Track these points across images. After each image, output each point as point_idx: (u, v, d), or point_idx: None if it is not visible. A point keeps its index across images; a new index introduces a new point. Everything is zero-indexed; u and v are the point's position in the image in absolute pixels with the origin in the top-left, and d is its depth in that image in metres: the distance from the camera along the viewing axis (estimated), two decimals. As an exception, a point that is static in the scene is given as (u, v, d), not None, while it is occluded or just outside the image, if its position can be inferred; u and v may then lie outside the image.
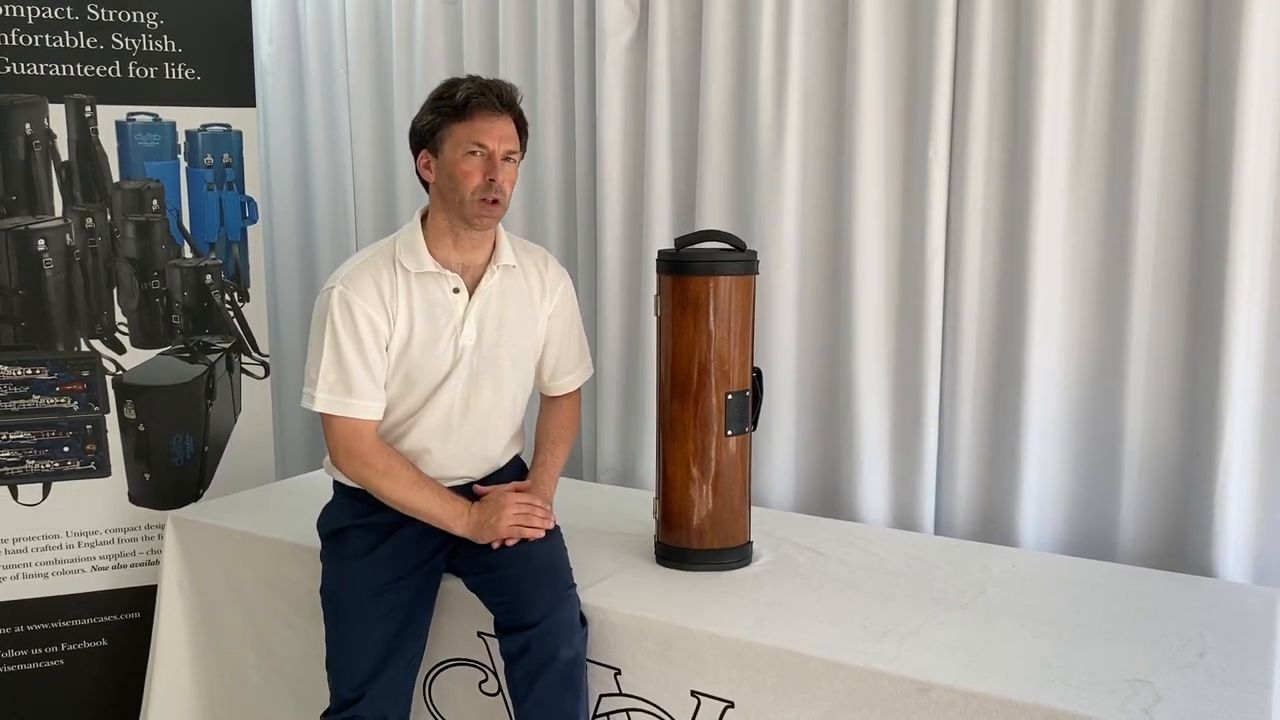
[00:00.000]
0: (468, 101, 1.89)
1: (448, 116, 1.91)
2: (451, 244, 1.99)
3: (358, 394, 1.94)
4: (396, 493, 1.95)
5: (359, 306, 1.92)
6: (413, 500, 1.96)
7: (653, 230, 2.73)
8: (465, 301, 1.99)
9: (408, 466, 1.97)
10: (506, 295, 2.04)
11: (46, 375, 2.64)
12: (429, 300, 1.97)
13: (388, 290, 1.95)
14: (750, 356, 2.11)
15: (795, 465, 2.64)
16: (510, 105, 1.94)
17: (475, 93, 1.90)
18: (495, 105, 1.91)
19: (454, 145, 1.91)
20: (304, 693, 2.27)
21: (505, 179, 1.92)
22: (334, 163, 3.41)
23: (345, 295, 1.93)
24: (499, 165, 1.91)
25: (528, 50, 2.95)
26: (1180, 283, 2.21)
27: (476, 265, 2.02)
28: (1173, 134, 2.18)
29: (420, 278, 1.97)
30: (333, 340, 1.93)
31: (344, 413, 1.94)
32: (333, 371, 1.93)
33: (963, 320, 2.40)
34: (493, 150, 1.90)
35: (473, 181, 1.90)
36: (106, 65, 2.63)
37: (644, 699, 1.89)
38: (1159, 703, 1.56)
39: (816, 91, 2.53)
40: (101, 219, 2.66)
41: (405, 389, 1.99)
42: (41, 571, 2.66)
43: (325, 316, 1.94)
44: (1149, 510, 2.27)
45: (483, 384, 2.02)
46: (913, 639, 1.78)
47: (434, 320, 1.97)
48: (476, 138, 1.90)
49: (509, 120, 1.94)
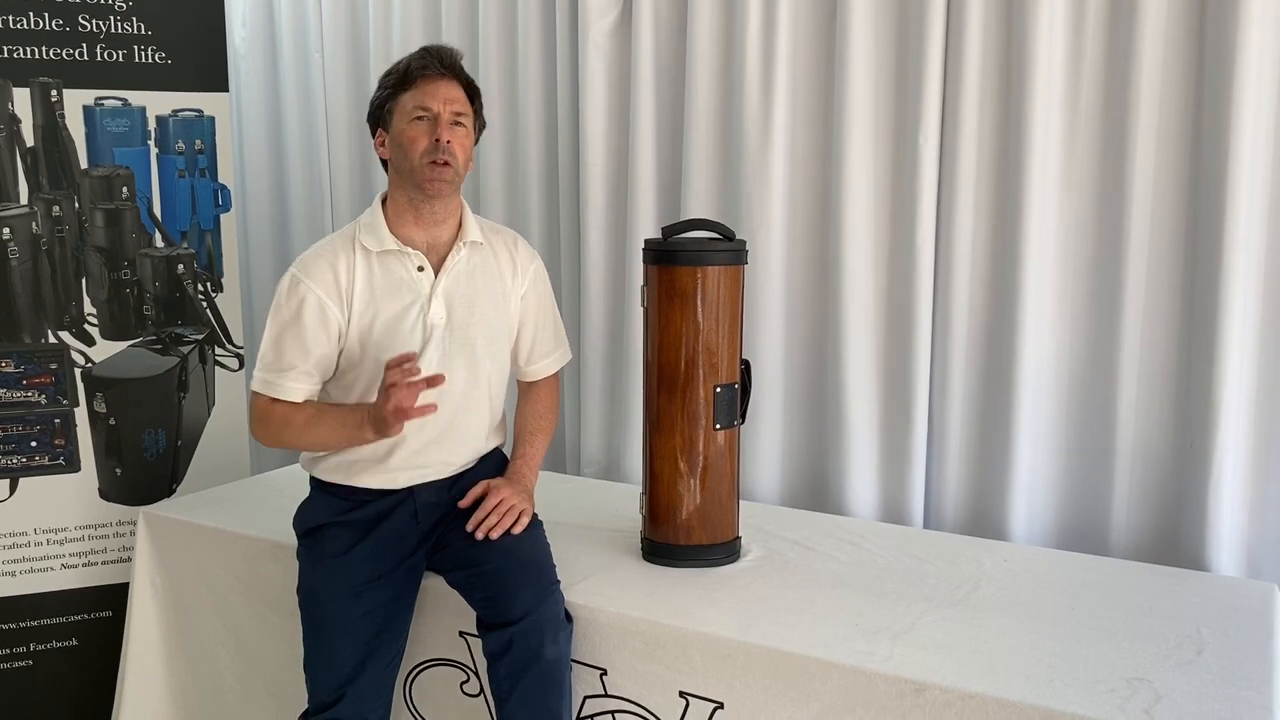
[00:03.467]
0: (408, 69, 1.92)
1: (394, 88, 1.94)
2: (413, 220, 1.97)
3: (288, 376, 1.94)
4: (304, 435, 1.94)
5: (309, 290, 1.92)
6: (320, 434, 1.93)
7: (637, 219, 2.68)
8: (431, 279, 1.96)
9: (302, 407, 1.94)
10: (476, 274, 2.00)
11: (13, 368, 2.56)
12: (392, 279, 1.94)
13: (344, 274, 1.93)
14: (739, 348, 2.07)
15: (783, 458, 2.61)
16: (451, 66, 1.95)
17: (415, 58, 1.93)
18: (436, 68, 1.92)
19: (401, 114, 1.92)
20: (281, 693, 2.22)
21: (455, 142, 1.91)
22: (309, 149, 3.33)
23: (296, 279, 1.95)
24: (445, 126, 1.90)
25: (508, 34, 2.89)
26: (1174, 273, 2.17)
27: (442, 243, 1.99)
28: (1167, 122, 2.14)
29: (381, 257, 1.95)
30: (274, 323, 1.95)
31: (269, 392, 1.94)
32: (271, 352, 1.95)
33: (953, 311, 2.36)
34: (438, 112, 1.90)
35: (420, 145, 1.90)
36: (73, 48, 2.56)
37: (631, 700, 1.85)
38: (1159, 702, 1.53)
39: (805, 77, 2.48)
40: (69, 207, 2.59)
41: (377, 370, 1.93)
42: (9, 570, 2.59)
43: (275, 299, 1.96)
44: (1141, 503, 2.24)
45: (456, 364, 1.97)
46: (906, 637, 1.74)
47: (399, 299, 1.94)
48: (420, 101, 1.91)
49: (454, 83, 1.94)
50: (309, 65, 3.28)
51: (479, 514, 1.95)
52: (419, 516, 1.99)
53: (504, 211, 2.94)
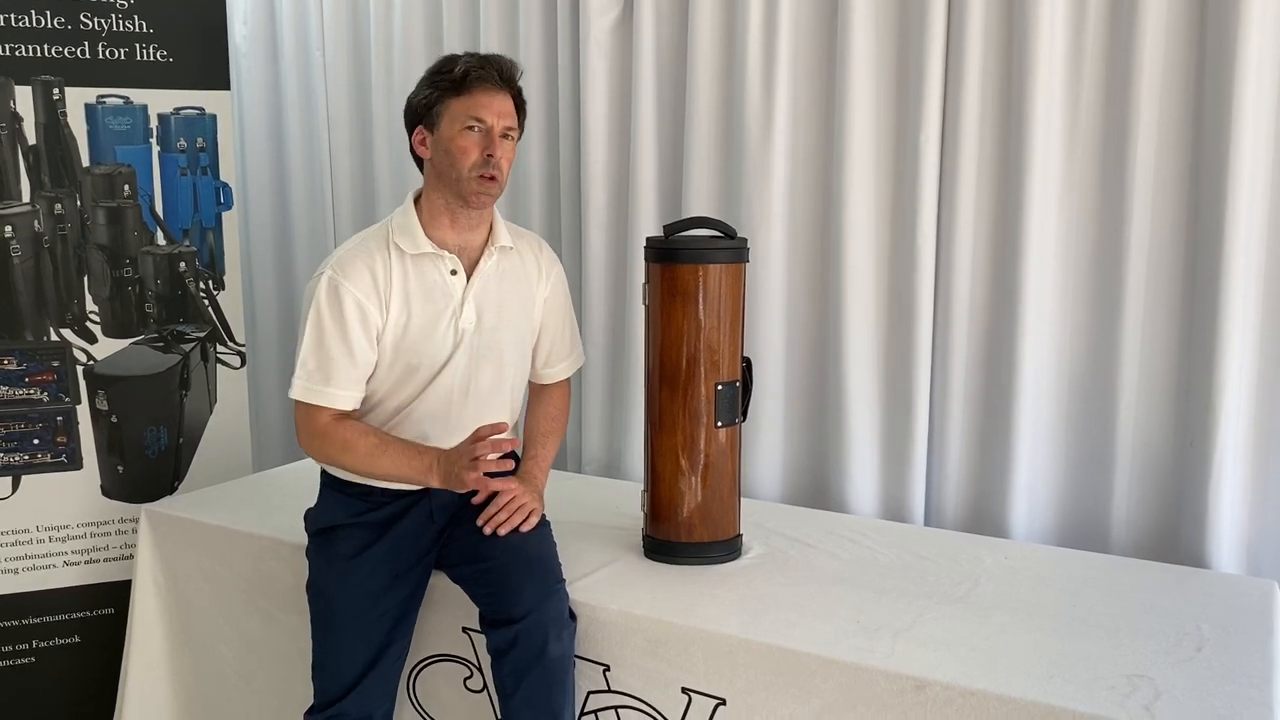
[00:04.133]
0: (466, 75, 1.87)
1: (446, 91, 1.88)
2: (449, 224, 1.95)
3: (335, 383, 1.89)
4: (362, 463, 1.90)
5: (348, 293, 1.88)
6: (381, 465, 1.89)
7: (638, 217, 2.68)
8: (464, 284, 1.95)
9: (367, 433, 1.91)
10: (505, 278, 2.00)
11: (15, 366, 2.57)
12: (426, 283, 1.93)
13: (381, 275, 1.90)
14: (740, 346, 2.07)
15: (783, 456, 2.61)
16: (509, 81, 1.92)
17: (475, 66, 1.87)
18: (495, 80, 1.89)
19: (451, 120, 1.88)
20: (285, 689, 2.23)
21: (503, 156, 1.89)
22: (310, 147, 3.33)
23: (334, 280, 1.89)
24: (497, 141, 1.88)
25: (509, 31, 2.89)
26: (1175, 271, 2.18)
27: (474, 247, 1.98)
28: (1169, 121, 2.15)
29: (416, 260, 1.93)
30: (315, 327, 1.89)
31: (316, 400, 1.90)
32: (313, 359, 1.89)
33: (954, 308, 2.36)
34: (491, 125, 1.87)
35: (470, 157, 1.87)
36: (75, 46, 2.55)
37: (634, 696, 1.85)
38: (1159, 699, 1.53)
39: (806, 75, 2.49)
40: (71, 205, 2.59)
41: (406, 375, 1.94)
42: (11, 567, 2.59)
43: (313, 302, 1.90)
44: (1142, 501, 2.24)
45: (483, 368, 1.98)
46: (907, 634, 1.75)
47: (432, 303, 1.93)
48: (475, 112, 1.87)
49: (508, 96, 1.91)
50: (310, 63, 3.28)
51: (489, 509, 1.95)
52: (434, 516, 1.99)
53: (505, 209, 2.93)
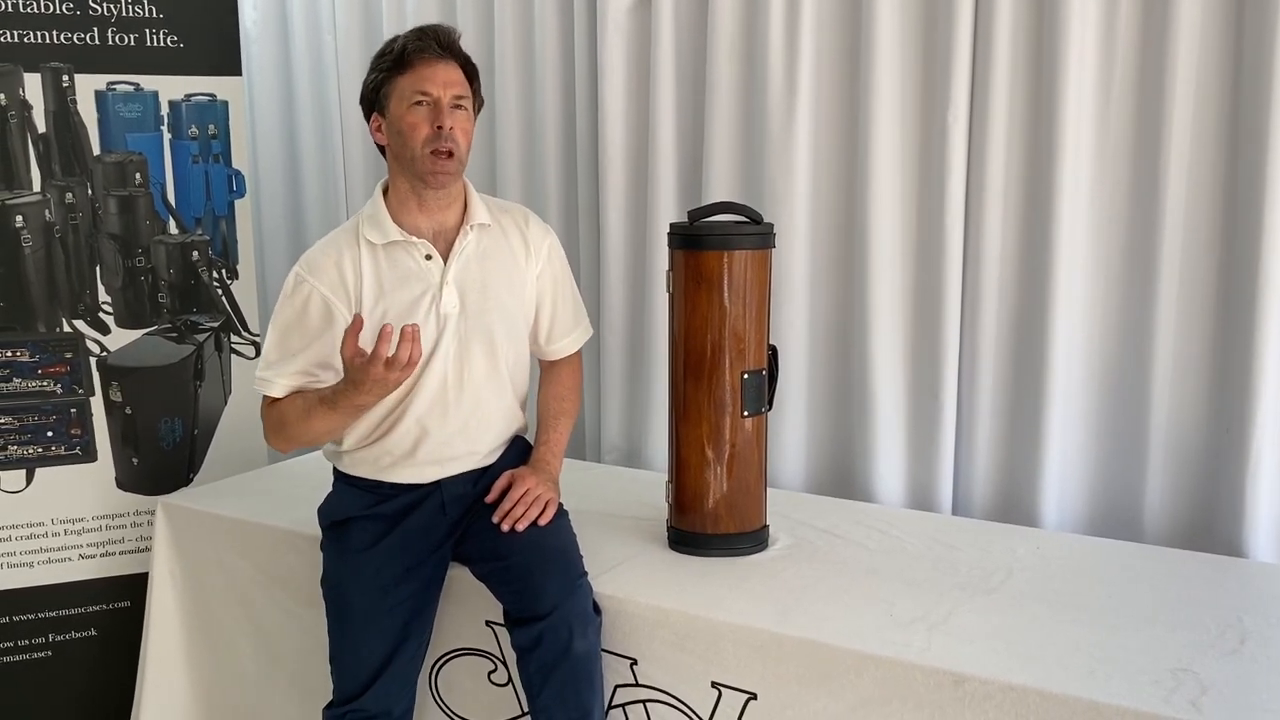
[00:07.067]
0: (404, 50, 1.83)
1: (389, 71, 1.85)
2: (417, 208, 1.91)
3: (274, 371, 1.90)
4: (302, 431, 1.87)
5: (314, 290, 1.86)
6: (315, 421, 1.84)
7: (658, 202, 2.64)
8: (440, 268, 1.91)
9: (293, 401, 1.88)
10: (487, 257, 1.95)
11: (27, 357, 2.54)
12: (400, 271, 1.89)
13: (350, 269, 1.87)
14: (766, 334, 2.03)
15: (808, 444, 2.57)
16: (449, 47, 1.87)
17: (412, 39, 1.84)
18: (434, 49, 1.84)
19: (399, 99, 1.84)
20: (304, 683, 2.20)
21: (456, 126, 1.84)
22: (323, 134, 3.30)
23: (299, 277, 1.89)
24: (446, 112, 1.83)
25: (524, 12, 2.84)
26: (1210, 252, 2.13)
27: (448, 228, 1.93)
28: (1205, 98, 2.09)
29: (388, 249, 1.89)
30: (277, 323, 1.90)
31: (260, 389, 1.91)
32: (273, 352, 1.90)
33: (982, 292, 2.32)
34: (438, 97, 1.83)
35: (421, 132, 1.82)
36: (84, 32, 2.51)
37: (663, 690, 1.82)
38: (1205, 694, 1.49)
39: (829, 55, 2.43)
40: (82, 194, 2.55)
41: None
42: (27, 560, 2.57)
43: (280, 299, 1.90)
44: (1175, 489, 2.20)
45: (474, 351, 1.92)
46: (942, 627, 1.71)
47: (408, 290, 1.88)
48: (419, 86, 1.82)
49: (453, 64, 1.86)
50: (321, 48, 3.24)
51: (504, 505, 1.92)
52: (446, 509, 1.96)
53: (522, 194, 2.89)
